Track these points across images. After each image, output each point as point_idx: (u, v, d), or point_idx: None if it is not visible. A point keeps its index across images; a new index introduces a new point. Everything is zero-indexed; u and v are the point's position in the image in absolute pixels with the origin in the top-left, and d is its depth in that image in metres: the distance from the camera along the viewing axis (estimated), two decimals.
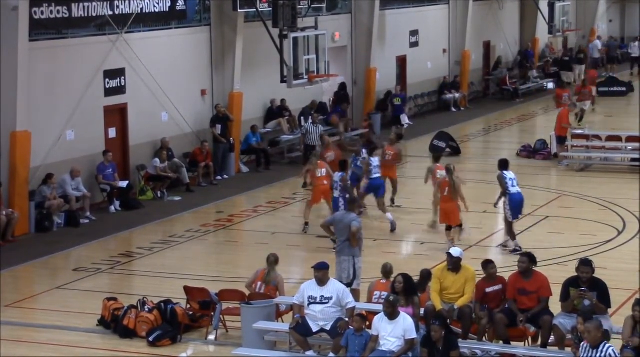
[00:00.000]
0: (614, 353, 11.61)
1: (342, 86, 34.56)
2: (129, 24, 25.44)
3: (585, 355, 11.74)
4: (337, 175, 21.15)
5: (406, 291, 13.83)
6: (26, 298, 18.03)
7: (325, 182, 22.09)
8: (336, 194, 21.01)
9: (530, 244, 20.00)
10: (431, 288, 14.34)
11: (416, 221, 23.00)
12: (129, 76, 25.71)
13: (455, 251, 14.37)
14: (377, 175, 22.72)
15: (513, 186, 20.10)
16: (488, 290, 14.18)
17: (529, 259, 14.07)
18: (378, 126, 34.20)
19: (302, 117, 30.13)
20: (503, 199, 20.23)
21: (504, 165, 20.38)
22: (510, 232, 20.19)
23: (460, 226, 20.73)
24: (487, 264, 14.38)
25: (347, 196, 20.55)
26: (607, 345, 11.69)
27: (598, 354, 11.63)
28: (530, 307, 13.83)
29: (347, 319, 13.85)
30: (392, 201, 24.07)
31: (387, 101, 35.72)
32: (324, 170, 22.33)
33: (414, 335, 13.09)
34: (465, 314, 14.03)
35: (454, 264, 14.28)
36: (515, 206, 20.09)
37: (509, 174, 20.21)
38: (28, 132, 22.36)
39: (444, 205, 20.52)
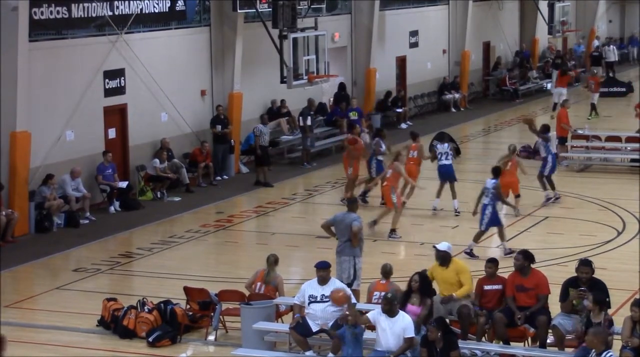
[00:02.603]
0: None
1: (341, 86, 34.55)
2: (129, 25, 25.44)
3: None
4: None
5: (421, 290, 13.90)
6: (26, 298, 18.03)
7: (412, 162, 23.81)
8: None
9: (530, 244, 19.95)
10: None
11: (416, 222, 23.03)
12: (128, 76, 25.72)
13: (442, 245, 14.62)
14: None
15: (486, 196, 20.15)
16: (486, 287, 14.23)
17: (524, 256, 14.11)
18: (378, 126, 34.16)
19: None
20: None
21: (495, 173, 20.78)
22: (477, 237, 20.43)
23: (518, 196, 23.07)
24: (487, 262, 14.44)
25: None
26: (610, 353, 11.59)
27: None
28: (529, 304, 13.85)
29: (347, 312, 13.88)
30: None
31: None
32: (415, 152, 24.08)
33: (412, 334, 13.10)
34: (464, 314, 14.05)
35: (441, 258, 14.51)
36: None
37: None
38: (28, 132, 22.37)
39: (505, 179, 22.27)
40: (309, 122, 29.91)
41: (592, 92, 38.18)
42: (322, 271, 14.16)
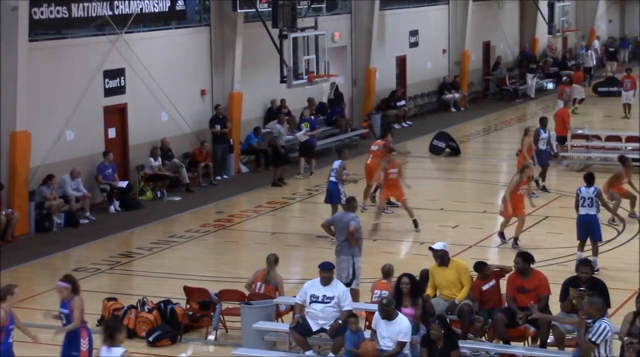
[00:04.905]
0: (603, 328, 11.73)
1: (335, 87, 34.52)
2: (129, 24, 25.44)
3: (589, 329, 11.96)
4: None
5: (412, 291, 13.87)
6: (26, 298, 18.01)
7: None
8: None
9: (530, 244, 20.02)
10: (428, 284, 14.48)
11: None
12: (128, 76, 25.72)
13: (437, 245, 14.60)
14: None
15: (582, 206, 18.77)
16: (484, 288, 14.22)
17: (523, 258, 14.10)
18: (378, 126, 34.19)
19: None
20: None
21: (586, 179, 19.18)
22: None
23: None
24: (482, 267, 14.42)
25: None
26: (604, 320, 11.84)
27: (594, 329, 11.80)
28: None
29: (339, 321, 13.86)
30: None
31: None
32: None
33: (406, 338, 13.08)
34: (464, 312, 14.05)
35: (440, 258, 14.47)
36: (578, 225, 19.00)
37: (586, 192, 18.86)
38: (28, 132, 22.38)
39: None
40: None
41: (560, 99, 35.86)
42: (326, 272, 14.18)
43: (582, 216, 18.74)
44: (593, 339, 11.64)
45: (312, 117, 29.73)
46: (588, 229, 18.69)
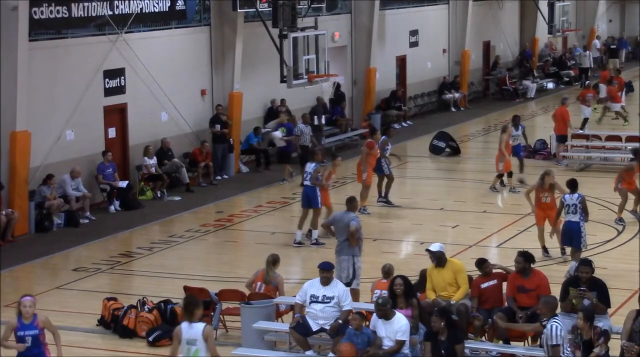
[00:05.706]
0: (555, 328, 12.11)
1: (337, 86, 34.51)
2: (129, 24, 25.44)
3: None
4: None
5: (405, 293, 13.86)
6: None
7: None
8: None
9: (530, 244, 19.98)
10: (426, 287, 14.49)
11: (416, 221, 23.02)
12: (128, 76, 25.71)
13: (434, 246, 14.62)
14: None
15: (567, 213, 18.53)
16: (483, 286, 14.23)
17: (524, 258, 14.12)
18: (378, 126, 34.12)
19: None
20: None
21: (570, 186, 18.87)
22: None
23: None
24: (482, 263, 14.43)
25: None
26: (555, 318, 12.30)
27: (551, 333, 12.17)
28: (530, 305, 13.86)
29: (340, 321, 13.86)
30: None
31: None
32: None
33: (404, 337, 13.08)
34: (462, 312, 14.04)
35: (437, 259, 14.49)
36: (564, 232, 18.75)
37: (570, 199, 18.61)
38: (28, 132, 22.37)
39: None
40: (323, 120, 29.88)
41: (585, 105, 34.34)
42: (326, 272, 14.18)
43: (566, 222, 18.62)
44: (555, 343, 12.03)
45: (289, 121, 28.99)
46: (570, 236, 18.49)
